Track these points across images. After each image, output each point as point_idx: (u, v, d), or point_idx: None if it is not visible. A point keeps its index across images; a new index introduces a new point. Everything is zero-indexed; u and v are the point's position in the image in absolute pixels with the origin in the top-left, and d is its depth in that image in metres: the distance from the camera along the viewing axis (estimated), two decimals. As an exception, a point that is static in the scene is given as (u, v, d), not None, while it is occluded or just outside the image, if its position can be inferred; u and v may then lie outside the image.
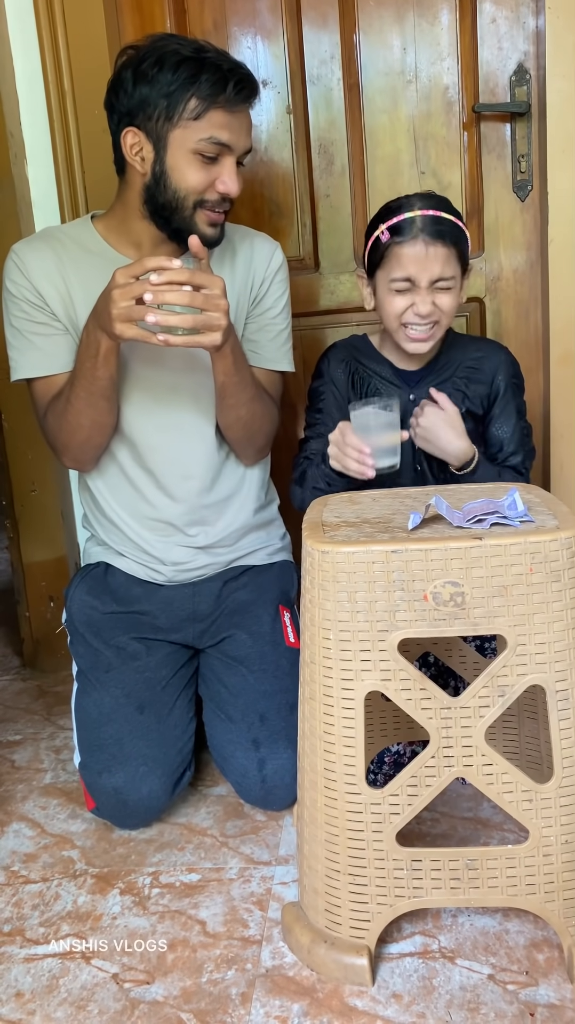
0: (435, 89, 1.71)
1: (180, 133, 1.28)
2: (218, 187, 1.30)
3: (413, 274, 1.31)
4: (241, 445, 1.46)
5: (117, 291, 1.17)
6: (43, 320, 1.38)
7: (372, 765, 1.35)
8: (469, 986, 1.00)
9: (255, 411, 1.40)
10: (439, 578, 0.95)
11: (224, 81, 1.26)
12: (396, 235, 1.32)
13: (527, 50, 1.67)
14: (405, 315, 1.35)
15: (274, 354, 1.49)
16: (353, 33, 1.71)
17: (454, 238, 1.32)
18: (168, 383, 1.41)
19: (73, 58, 1.70)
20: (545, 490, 1.41)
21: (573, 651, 0.97)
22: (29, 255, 1.37)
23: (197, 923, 1.13)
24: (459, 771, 0.99)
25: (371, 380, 1.45)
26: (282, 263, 1.49)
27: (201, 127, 1.27)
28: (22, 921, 1.16)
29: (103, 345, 1.25)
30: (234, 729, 1.34)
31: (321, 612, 0.99)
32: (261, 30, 1.72)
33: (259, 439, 1.46)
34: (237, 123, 1.29)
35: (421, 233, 1.30)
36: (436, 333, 1.37)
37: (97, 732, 1.33)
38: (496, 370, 1.43)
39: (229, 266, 1.44)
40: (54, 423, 1.38)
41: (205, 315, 1.18)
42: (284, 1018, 0.97)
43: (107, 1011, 1.00)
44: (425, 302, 1.32)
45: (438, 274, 1.31)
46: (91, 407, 1.33)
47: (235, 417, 1.39)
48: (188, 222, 1.32)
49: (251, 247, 1.46)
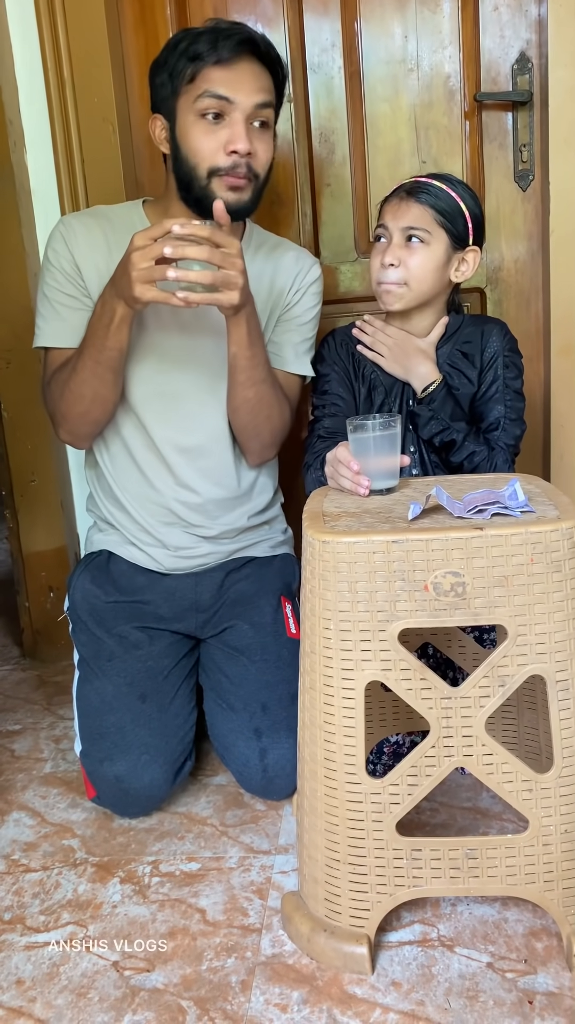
0: (437, 78, 1.70)
1: (183, 101, 1.30)
2: (227, 148, 1.29)
3: (385, 220, 1.38)
4: (246, 435, 1.45)
5: (137, 253, 1.17)
6: (73, 293, 1.39)
7: (371, 755, 1.35)
8: (468, 974, 1.01)
9: (264, 395, 1.40)
10: (440, 568, 0.95)
11: (214, 39, 1.27)
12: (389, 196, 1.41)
13: (529, 38, 1.66)
14: (377, 272, 1.39)
15: (295, 358, 1.50)
16: (354, 21, 1.70)
17: (435, 202, 1.36)
18: (182, 374, 1.41)
19: (73, 45, 1.69)
20: (546, 480, 1.42)
21: (573, 641, 0.97)
22: (78, 228, 1.39)
23: (197, 911, 1.14)
24: (459, 761, 0.99)
25: (365, 361, 1.47)
26: (318, 278, 1.52)
27: (197, 86, 1.28)
28: (23, 909, 1.17)
29: (118, 313, 1.25)
30: (236, 718, 1.34)
31: (321, 602, 0.99)
32: (262, 18, 1.71)
33: (265, 432, 1.45)
34: (235, 76, 1.28)
35: (404, 192, 1.38)
36: (405, 294, 1.39)
37: (99, 720, 1.33)
38: (487, 342, 1.43)
39: (271, 271, 1.46)
40: (56, 390, 1.38)
41: (223, 272, 1.18)
42: (284, 1005, 0.98)
43: (107, 998, 1.01)
44: (392, 252, 1.37)
45: (407, 224, 1.36)
46: (95, 377, 1.33)
47: (244, 397, 1.39)
48: (205, 191, 1.32)
49: (293, 259, 1.49)
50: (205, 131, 1.29)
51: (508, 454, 1.39)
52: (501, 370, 1.42)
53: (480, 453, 1.37)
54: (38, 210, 1.77)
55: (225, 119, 1.29)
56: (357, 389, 1.47)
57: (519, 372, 1.44)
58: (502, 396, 1.42)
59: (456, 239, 1.37)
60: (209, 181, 1.31)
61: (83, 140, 1.72)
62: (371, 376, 1.46)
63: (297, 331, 1.50)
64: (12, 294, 1.76)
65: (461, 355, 1.43)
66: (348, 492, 1.16)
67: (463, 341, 1.44)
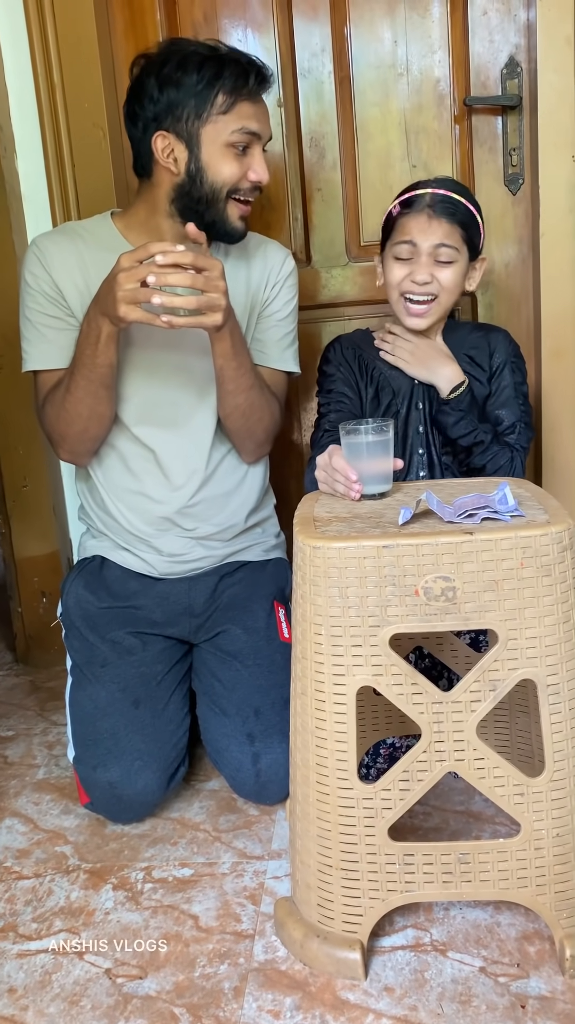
0: (426, 82, 1.70)
1: (212, 128, 1.32)
2: (250, 176, 1.35)
3: (414, 237, 1.36)
4: (240, 437, 1.46)
5: (123, 274, 1.19)
6: (56, 314, 1.39)
7: (367, 758, 1.35)
8: (461, 978, 1.01)
9: (253, 401, 1.41)
10: (430, 573, 0.96)
11: (246, 74, 1.32)
12: (405, 208, 1.38)
13: (518, 43, 1.67)
14: (404, 283, 1.38)
15: (280, 354, 1.52)
16: (344, 26, 1.70)
17: (460, 217, 1.36)
18: (172, 378, 1.42)
19: (63, 51, 1.68)
20: (536, 484, 1.42)
21: (564, 645, 0.97)
22: (50, 248, 1.39)
23: (190, 918, 1.14)
24: (451, 765, 0.99)
25: (375, 363, 1.48)
26: (292, 270, 1.53)
27: (231, 120, 1.32)
28: (15, 917, 1.16)
29: (104, 331, 1.27)
30: (229, 723, 1.34)
31: (313, 607, 0.99)
32: (251, 23, 1.71)
33: (258, 432, 1.47)
34: (262, 112, 1.36)
35: (427, 207, 1.36)
36: (434, 310, 1.40)
37: (92, 726, 1.33)
38: (495, 348, 1.46)
39: (245, 270, 1.47)
40: (52, 412, 1.38)
41: (206, 296, 1.20)
42: (277, 1011, 0.98)
43: (100, 1006, 1.01)
44: (423, 270, 1.36)
45: (438, 240, 1.35)
46: (90, 395, 1.34)
47: (233, 405, 1.40)
48: (222, 214, 1.37)
49: (264, 254, 1.50)
50: (234, 159, 1.34)
51: (524, 457, 1.41)
52: (510, 376, 1.45)
53: (503, 454, 1.39)
54: (29, 216, 1.77)
55: (248, 149, 1.35)
56: (363, 389, 1.48)
57: (525, 377, 1.47)
58: (515, 400, 1.44)
59: (473, 251, 1.40)
60: (226, 203, 1.36)
61: (73, 145, 1.72)
62: (379, 378, 1.47)
63: (278, 327, 1.51)
64: (3, 300, 1.76)
65: (469, 360, 1.45)
66: (341, 496, 1.16)
67: (470, 347, 1.46)
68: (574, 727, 0.99)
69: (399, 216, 1.39)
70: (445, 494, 1.12)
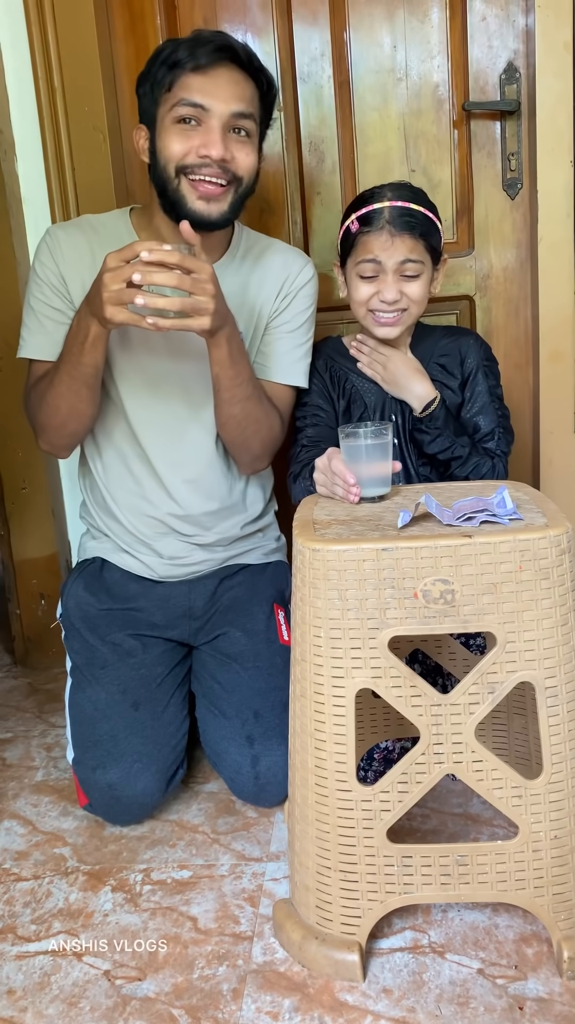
0: (425, 87, 1.71)
1: (162, 109, 1.30)
2: (199, 151, 1.27)
3: (378, 256, 1.35)
4: (235, 448, 1.44)
5: (108, 274, 1.17)
6: (59, 307, 1.39)
7: (362, 762, 1.35)
8: (459, 980, 1.01)
9: (250, 412, 1.38)
10: (429, 576, 0.96)
11: (193, 47, 1.26)
12: (364, 225, 1.36)
13: (517, 48, 1.67)
14: (371, 302, 1.38)
15: (287, 367, 1.47)
16: (343, 30, 1.71)
17: (422, 229, 1.35)
18: (171, 385, 1.41)
19: (63, 54, 1.69)
20: (534, 487, 1.43)
21: (562, 648, 0.98)
22: (63, 240, 1.39)
23: (188, 919, 1.14)
24: (449, 768, 0.99)
25: (347, 375, 1.48)
26: (310, 279, 1.47)
27: (174, 94, 1.28)
28: (14, 919, 1.16)
29: (92, 331, 1.25)
30: (228, 725, 1.34)
31: (312, 610, 1.00)
32: (251, 27, 1.72)
33: (254, 445, 1.43)
34: (211, 84, 1.27)
35: (387, 224, 1.34)
36: (404, 319, 1.40)
37: (92, 728, 1.33)
38: (466, 354, 1.45)
39: (257, 280, 1.44)
40: (35, 402, 1.39)
41: (193, 298, 1.17)
42: (275, 1013, 0.98)
43: (99, 1008, 1.01)
44: (391, 289, 1.36)
45: (403, 257, 1.34)
46: (71, 392, 1.32)
47: (229, 415, 1.38)
48: (177, 194, 1.30)
49: (283, 262, 1.46)
50: (178, 133, 1.28)
51: (506, 462, 1.41)
52: (483, 380, 1.44)
53: (484, 464, 1.38)
54: (29, 219, 1.78)
55: (201, 125, 1.28)
56: (336, 401, 1.48)
57: (499, 379, 1.47)
58: (490, 406, 1.43)
59: (435, 256, 1.40)
60: (179, 181, 1.29)
61: (73, 149, 1.72)
62: (351, 389, 1.47)
63: (287, 338, 1.47)
64: (2, 303, 1.76)
65: (440, 368, 1.45)
66: (340, 499, 1.17)
67: (440, 354, 1.46)
68: (572, 729, 0.99)
69: (359, 234, 1.36)
70: (444, 497, 1.12)
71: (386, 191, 1.37)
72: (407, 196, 1.36)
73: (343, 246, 1.42)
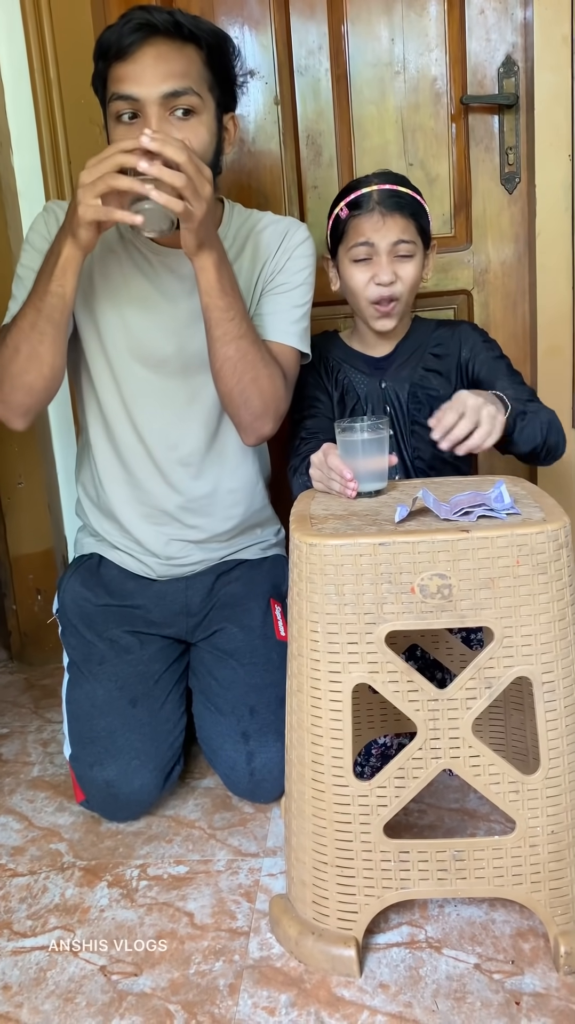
0: (423, 80, 1.70)
1: (107, 107, 1.25)
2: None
3: (370, 237, 1.35)
4: (234, 403, 1.32)
5: (84, 172, 1.11)
6: None
7: (359, 757, 1.35)
8: (455, 975, 1.01)
9: (246, 353, 1.27)
10: (426, 571, 0.96)
11: (117, 31, 1.18)
12: (354, 209, 1.37)
13: (515, 42, 1.67)
14: (369, 289, 1.38)
15: (284, 327, 1.37)
16: (341, 23, 1.70)
17: (411, 210, 1.37)
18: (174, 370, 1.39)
19: (59, 46, 1.68)
20: (532, 481, 1.42)
21: (559, 643, 0.97)
22: (61, 215, 1.33)
23: (185, 915, 1.14)
24: (446, 763, 0.99)
25: (342, 367, 1.48)
26: (305, 239, 1.39)
27: (109, 89, 1.22)
28: (9, 914, 1.16)
29: (64, 252, 1.18)
30: (224, 722, 1.34)
31: (309, 605, 0.99)
32: (249, 20, 1.71)
33: (254, 398, 1.31)
34: (138, 69, 1.18)
35: (378, 205, 1.36)
36: (399, 308, 1.40)
37: (89, 724, 1.33)
38: (461, 342, 1.46)
39: (252, 247, 1.39)
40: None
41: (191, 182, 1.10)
42: (272, 1009, 0.98)
43: (95, 1003, 1.00)
44: (386, 270, 1.36)
45: (396, 237, 1.35)
46: (34, 330, 1.23)
47: (224, 356, 1.27)
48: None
49: (275, 227, 1.40)
50: (122, 133, 1.21)
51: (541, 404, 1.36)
52: (486, 353, 1.44)
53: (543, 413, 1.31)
54: (24, 211, 1.77)
55: (139, 117, 1.21)
56: (331, 392, 1.48)
57: (500, 350, 1.46)
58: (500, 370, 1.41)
59: (426, 239, 1.41)
60: None
61: (69, 141, 1.72)
62: (344, 381, 1.47)
63: (285, 297, 1.38)
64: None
65: (434, 357, 1.45)
66: (336, 494, 1.16)
67: (435, 344, 1.47)
68: (569, 724, 0.99)
69: (350, 219, 1.37)
70: (441, 492, 1.12)
71: (371, 178, 1.39)
72: (393, 180, 1.39)
73: (333, 235, 1.42)
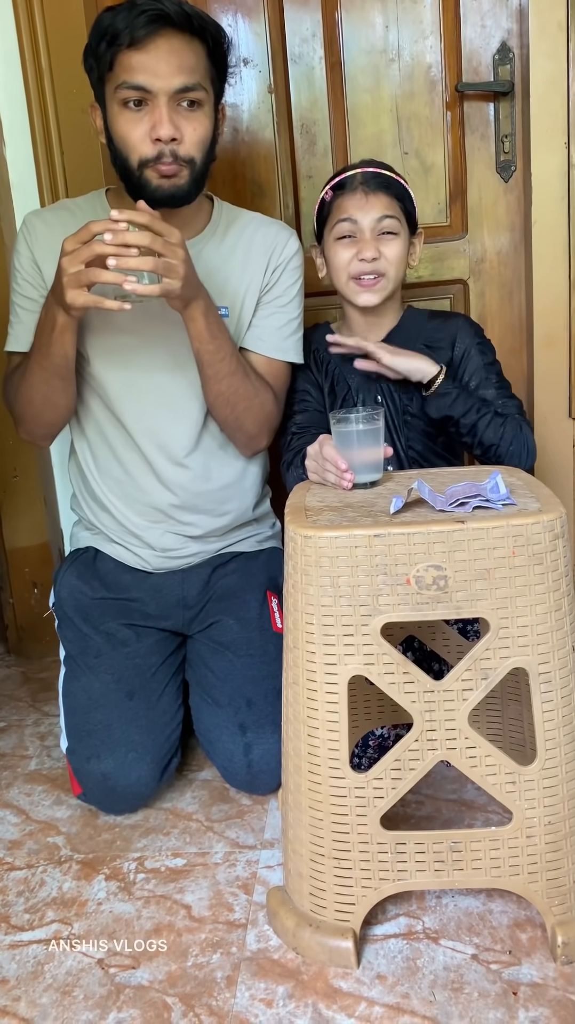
0: (418, 68, 1.69)
1: (108, 89, 1.26)
2: (151, 135, 1.23)
3: (353, 215, 1.36)
4: (229, 428, 1.42)
5: (66, 258, 1.15)
6: (32, 296, 1.38)
7: (357, 749, 1.35)
8: (453, 966, 1.01)
9: (237, 388, 1.35)
10: (422, 562, 0.95)
11: (127, 17, 1.20)
12: (338, 190, 1.39)
13: (510, 28, 1.65)
14: (351, 265, 1.38)
15: (280, 343, 1.44)
16: (335, 11, 1.68)
17: (395, 190, 1.38)
18: (159, 368, 1.39)
19: (51, 37, 1.67)
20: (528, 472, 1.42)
21: (555, 634, 0.97)
22: (38, 227, 1.37)
23: (182, 907, 1.14)
24: (443, 754, 0.99)
25: (331, 358, 1.47)
26: (296, 251, 1.45)
27: (116, 75, 1.23)
28: (7, 908, 1.16)
29: (59, 320, 1.23)
30: (221, 714, 1.34)
31: (304, 597, 0.99)
32: (242, 7, 1.70)
33: (247, 423, 1.40)
34: (152, 60, 1.21)
35: (361, 185, 1.37)
36: (385, 284, 1.39)
37: (86, 718, 1.33)
38: (455, 335, 1.44)
39: (242, 251, 1.41)
40: (11, 392, 1.38)
41: (164, 260, 1.14)
42: (269, 1000, 0.98)
43: (92, 996, 1.01)
44: (369, 247, 1.36)
45: (380, 213, 1.36)
46: (44, 383, 1.32)
47: (216, 392, 1.35)
48: (140, 180, 1.28)
49: (265, 235, 1.43)
50: (129, 120, 1.24)
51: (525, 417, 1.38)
52: (479, 357, 1.42)
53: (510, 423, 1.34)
54: (17, 203, 1.76)
55: (148, 104, 1.24)
56: (321, 384, 1.47)
57: (494, 355, 1.45)
58: (489, 380, 1.41)
59: (411, 225, 1.41)
60: (141, 173, 1.27)
61: (62, 132, 1.71)
62: (334, 371, 1.46)
63: (280, 313, 1.43)
64: (-8, 288, 1.74)
65: (426, 348, 1.43)
66: (332, 486, 1.16)
67: (428, 335, 1.45)
68: (566, 715, 0.99)
69: (334, 199, 1.39)
70: (437, 483, 1.11)
71: (357, 164, 1.41)
72: (378, 165, 1.40)
73: (319, 218, 1.43)
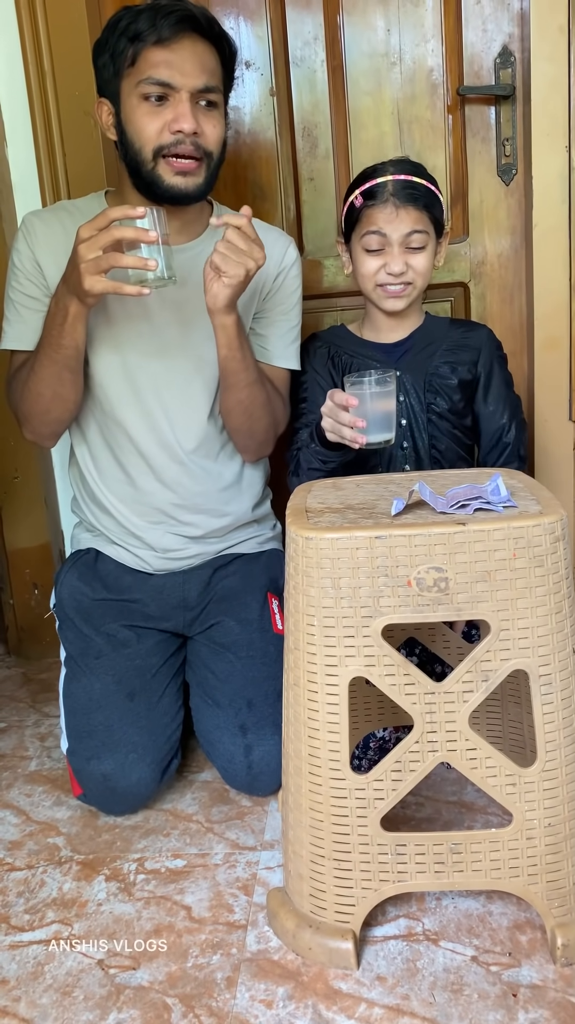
0: (419, 71, 1.69)
1: (126, 84, 1.27)
2: (171, 127, 1.26)
3: (383, 228, 1.36)
4: (242, 435, 1.43)
5: (83, 245, 1.15)
6: (34, 294, 1.38)
7: (357, 750, 1.35)
8: (453, 968, 1.01)
9: (256, 395, 1.38)
10: (423, 564, 0.95)
11: (154, 17, 1.23)
12: (368, 199, 1.38)
13: (511, 32, 1.66)
14: (379, 275, 1.39)
15: (283, 350, 1.47)
16: (337, 14, 1.69)
17: (425, 201, 1.38)
18: (159, 366, 1.39)
19: (53, 37, 1.67)
20: (529, 475, 1.42)
21: (556, 636, 0.97)
22: (38, 226, 1.38)
23: (182, 908, 1.14)
24: (443, 756, 0.99)
25: (353, 361, 1.48)
26: (295, 259, 1.47)
27: (139, 70, 1.25)
28: (7, 908, 1.16)
29: (71, 310, 1.23)
30: (221, 715, 1.34)
31: (305, 598, 0.99)
32: (244, 10, 1.70)
33: (259, 431, 1.43)
34: (177, 59, 1.25)
35: (392, 196, 1.36)
36: (411, 292, 1.41)
37: (87, 718, 1.33)
38: (482, 343, 1.48)
39: None
40: (17, 391, 1.38)
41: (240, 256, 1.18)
42: (269, 1001, 0.98)
43: (92, 996, 1.01)
44: (397, 261, 1.37)
45: (409, 229, 1.36)
46: (53, 377, 1.31)
47: (236, 400, 1.38)
48: (152, 174, 1.29)
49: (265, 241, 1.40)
50: (148, 112, 1.26)
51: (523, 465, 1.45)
52: (499, 373, 1.47)
53: None
54: (19, 204, 1.76)
55: (169, 100, 1.26)
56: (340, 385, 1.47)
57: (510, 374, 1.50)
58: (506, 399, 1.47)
59: (439, 229, 1.42)
60: (155, 163, 1.28)
61: (64, 133, 1.71)
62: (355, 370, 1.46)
63: (283, 320, 1.47)
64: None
65: (448, 351, 1.46)
66: (348, 441, 1.20)
67: (452, 343, 1.47)
68: (566, 717, 0.99)
69: (364, 208, 1.38)
70: (438, 485, 1.11)
71: (388, 166, 1.40)
72: (409, 170, 1.39)
73: (347, 221, 1.43)
